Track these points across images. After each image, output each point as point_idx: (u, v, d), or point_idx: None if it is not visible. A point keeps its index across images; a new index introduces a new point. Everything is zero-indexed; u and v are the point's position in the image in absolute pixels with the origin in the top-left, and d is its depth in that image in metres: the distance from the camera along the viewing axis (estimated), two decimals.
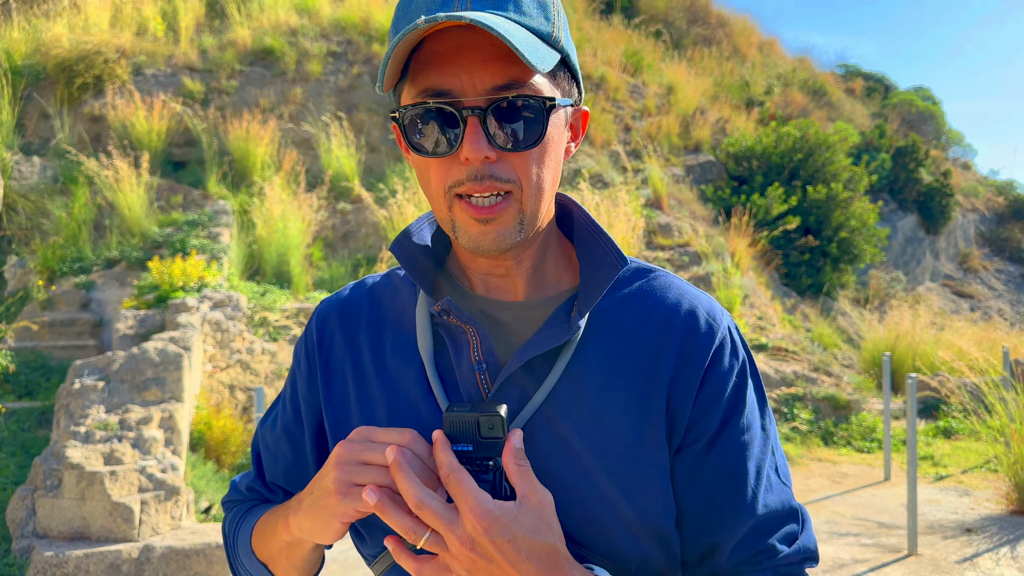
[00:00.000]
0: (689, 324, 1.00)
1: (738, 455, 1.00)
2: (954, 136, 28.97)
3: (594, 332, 1.00)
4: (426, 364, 1.01)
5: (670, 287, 1.04)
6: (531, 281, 1.04)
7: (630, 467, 0.96)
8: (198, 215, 9.52)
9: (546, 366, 0.98)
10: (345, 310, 1.12)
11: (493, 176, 0.91)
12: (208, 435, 6.48)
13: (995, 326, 15.17)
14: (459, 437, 0.91)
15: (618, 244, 1.09)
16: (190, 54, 12.32)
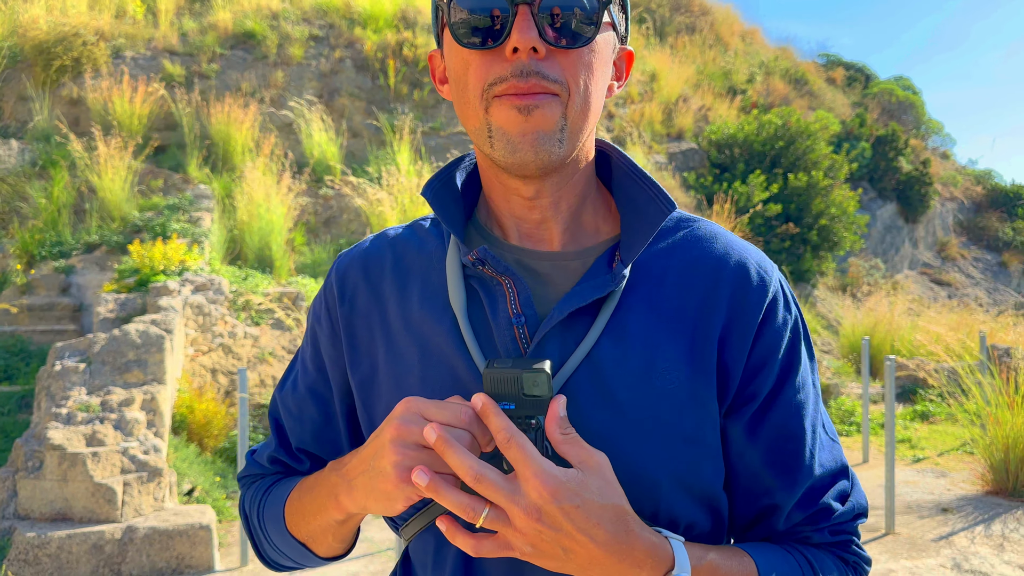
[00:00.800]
0: (740, 276, 0.95)
1: (795, 414, 0.96)
2: (933, 126, 29.22)
3: (638, 283, 0.94)
4: (459, 318, 0.94)
5: (717, 236, 0.99)
6: (568, 230, 0.97)
7: (679, 424, 0.91)
8: (179, 199, 9.45)
9: (587, 319, 0.92)
10: (368, 261, 1.04)
11: (539, 73, 0.85)
12: (190, 418, 6.46)
13: (972, 312, 15.37)
14: (500, 395, 0.85)
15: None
16: (170, 37, 12.20)
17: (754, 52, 22.87)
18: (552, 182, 0.93)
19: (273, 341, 7.57)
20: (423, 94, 12.82)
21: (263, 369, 7.30)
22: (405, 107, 12.65)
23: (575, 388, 0.90)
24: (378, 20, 13.34)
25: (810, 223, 14.05)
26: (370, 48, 12.87)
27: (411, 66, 12.97)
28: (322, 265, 9.41)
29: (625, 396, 0.90)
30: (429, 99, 12.91)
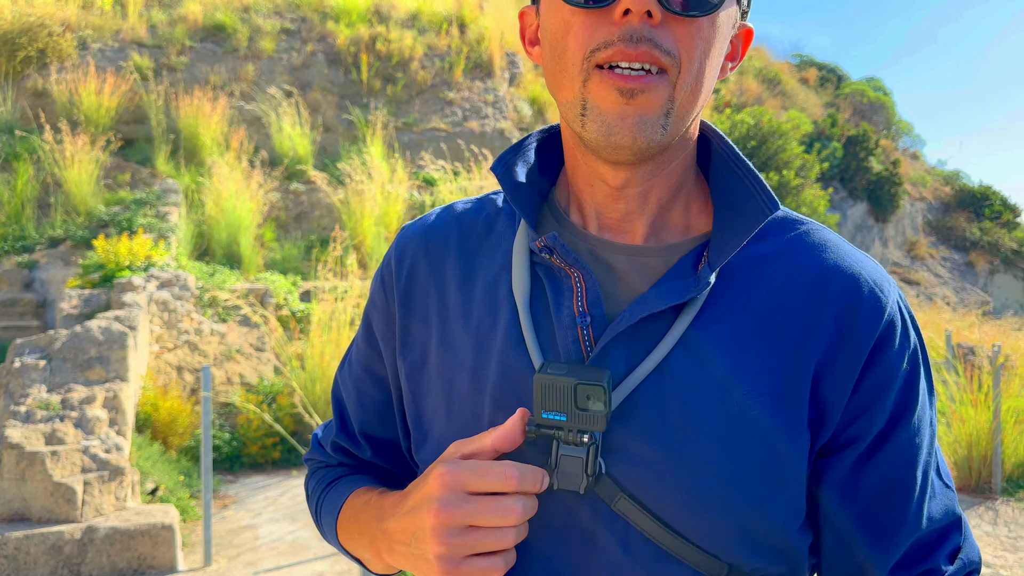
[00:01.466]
0: (851, 293, 0.81)
1: (907, 464, 0.83)
2: (904, 127, 29.59)
3: (726, 291, 0.82)
4: (520, 311, 0.84)
5: (828, 244, 0.85)
6: (654, 223, 0.86)
7: (755, 458, 0.78)
8: (146, 194, 9.32)
9: (662, 327, 0.80)
10: (430, 237, 0.95)
11: (652, 41, 0.74)
12: (155, 416, 6.36)
13: (939, 311, 15.59)
14: (552, 404, 0.77)
15: None
16: (139, 29, 12.02)
17: None
18: (645, 171, 0.83)
19: (240, 338, 7.49)
20: (396, 89, 12.75)
21: (230, 367, 7.22)
22: (378, 102, 12.57)
23: (637, 405, 0.79)
24: (351, 14, 13.24)
25: None
26: (343, 42, 12.77)
27: (384, 60, 12.89)
28: (292, 261, 9.32)
29: (694, 420, 0.78)
30: (402, 94, 12.84)
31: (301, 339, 7.22)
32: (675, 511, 0.77)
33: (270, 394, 6.93)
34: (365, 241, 9.71)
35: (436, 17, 14.02)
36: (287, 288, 8.25)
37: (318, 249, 9.53)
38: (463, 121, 12.83)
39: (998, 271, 25.79)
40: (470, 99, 13.22)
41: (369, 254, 9.56)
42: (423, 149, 12.13)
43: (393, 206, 10.20)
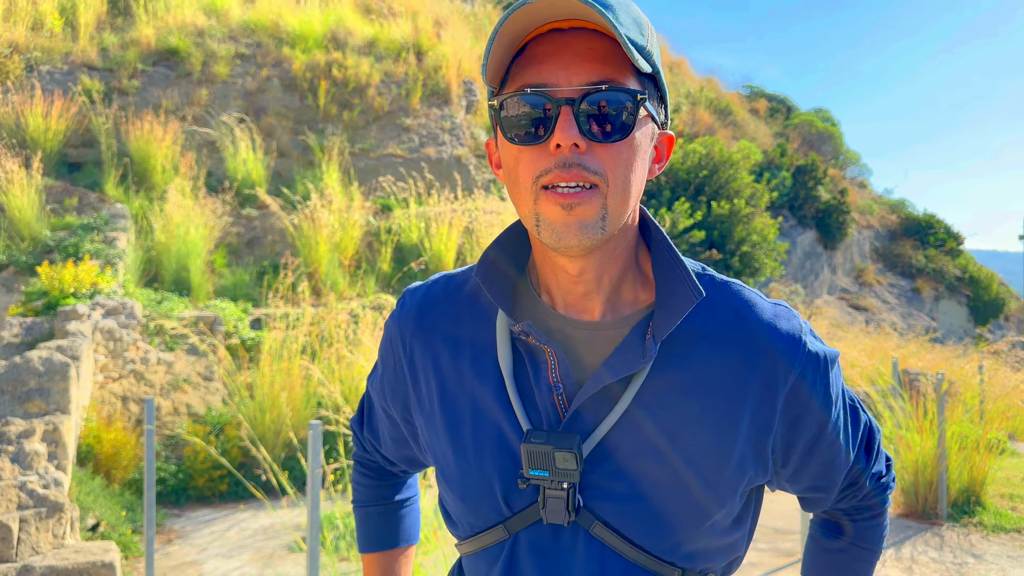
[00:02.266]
0: (770, 355, 1.02)
1: (835, 453, 1.11)
2: (851, 156, 30.34)
3: (669, 355, 1.02)
4: (507, 383, 1.05)
5: (748, 306, 1.05)
6: (609, 301, 1.05)
7: (702, 489, 1.01)
8: (94, 219, 9.13)
9: (620, 388, 1.01)
10: (423, 314, 1.15)
11: (581, 165, 0.92)
12: (98, 448, 6.19)
13: (887, 337, 15.91)
14: (537, 464, 0.99)
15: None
16: (90, 52, 11.84)
17: (681, 82, 23.42)
18: (595, 259, 1.01)
19: (188, 367, 7.34)
20: (353, 115, 12.72)
21: (177, 396, 7.06)
22: (335, 128, 12.52)
23: (606, 452, 1.01)
24: (307, 40, 13.21)
25: (733, 249, 14.38)
26: (299, 68, 12.72)
27: (341, 87, 12.86)
28: (243, 288, 9.18)
29: (648, 462, 1.00)
30: (359, 120, 12.82)
31: (251, 368, 7.11)
32: (640, 532, 1.00)
33: (218, 425, 6.79)
34: (319, 267, 9.62)
35: (393, 44, 14.06)
36: (237, 315, 8.12)
37: (270, 275, 9.42)
38: (420, 147, 12.84)
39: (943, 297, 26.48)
40: (427, 126, 13.25)
41: (323, 280, 9.47)
42: (379, 175, 12.10)
43: (349, 232, 10.14)
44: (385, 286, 9.98)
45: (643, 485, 1.00)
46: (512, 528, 1.04)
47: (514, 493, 1.03)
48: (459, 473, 1.08)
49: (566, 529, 1.02)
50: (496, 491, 1.04)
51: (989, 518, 6.51)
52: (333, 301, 8.46)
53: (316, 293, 9.18)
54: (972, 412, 7.85)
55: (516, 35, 0.94)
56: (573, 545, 1.02)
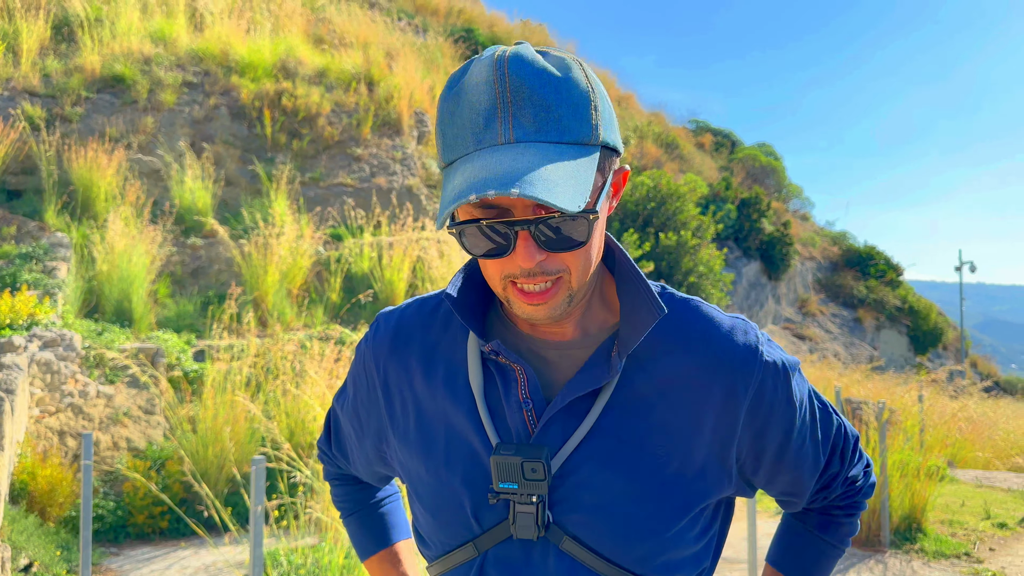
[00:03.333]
0: (728, 367, 1.06)
1: (802, 460, 1.15)
2: (794, 189, 31.13)
3: (634, 370, 1.06)
4: (477, 401, 1.08)
5: (708, 321, 1.10)
6: (580, 322, 1.09)
7: (669, 500, 1.04)
8: (33, 248, 8.89)
9: (588, 403, 1.05)
10: (397, 337, 1.18)
11: (543, 271, 0.97)
12: (32, 485, 5.97)
13: (830, 366, 16.24)
14: (506, 476, 1.02)
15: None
16: (32, 78, 11.60)
17: (629, 116, 23.84)
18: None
19: (129, 400, 7.15)
20: (302, 144, 12.65)
21: (117, 431, 6.87)
22: (284, 157, 12.44)
23: (575, 465, 1.03)
24: (257, 69, 13.14)
25: (680, 280, 14.59)
26: (247, 96, 12.63)
27: (290, 116, 12.80)
28: (187, 319, 9.01)
29: (617, 473, 1.03)
30: (309, 149, 12.76)
31: (193, 401, 6.96)
32: (608, 545, 1.02)
33: (159, 460, 6.62)
34: (267, 298, 9.49)
35: (344, 75, 14.06)
36: (180, 347, 7.95)
37: (215, 306, 9.26)
38: (371, 177, 12.82)
39: (884, 327, 27.17)
40: (378, 156, 13.24)
41: (270, 311, 9.34)
42: (329, 204, 12.03)
43: (298, 261, 10.04)
44: (334, 316, 9.88)
45: (612, 497, 1.03)
46: (482, 546, 1.06)
47: (484, 509, 1.06)
48: (431, 491, 1.10)
49: (536, 545, 1.04)
50: (467, 507, 1.06)
51: (930, 544, 6.65)
52: (280, 332, 8.34)
53: (263, 324, 9.04)
54: (913, 440, 8.04)
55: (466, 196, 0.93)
56: (543, 561, 1.04)
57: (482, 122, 0.93)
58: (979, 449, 11.33)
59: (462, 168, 0.93)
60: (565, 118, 0.93)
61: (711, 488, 1.07)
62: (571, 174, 0.91)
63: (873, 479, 1.28)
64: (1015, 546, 6.84)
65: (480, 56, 0.98)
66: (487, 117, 0.92)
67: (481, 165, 0.90)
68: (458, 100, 0.96)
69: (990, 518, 7.64)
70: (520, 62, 0.93)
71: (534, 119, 0.92)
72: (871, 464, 1.28)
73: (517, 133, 0.92)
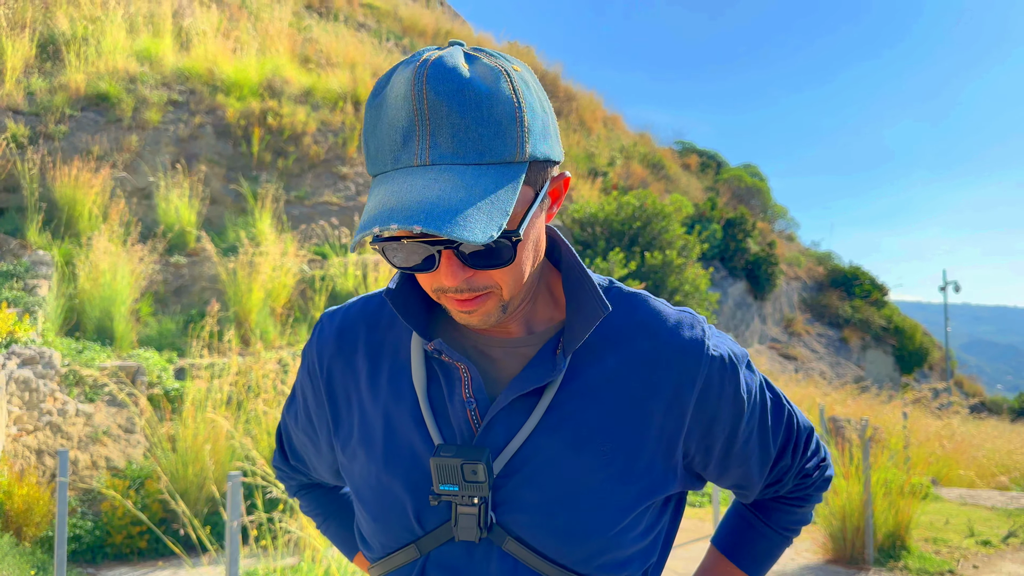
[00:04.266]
0: (677, 360, 1.05)
1: (750, 453, 1.13)
2: (779, 210, 31.34)
3: (580, 366, 1.05)
4: (420, 399, 1.06)
5: (654, 315, 1.08)
6: (524, 319, 1.08)
7: (613, 499, 1.02)
8: (13, 266, 8.82)
9: (532, 401, 1.03)
10: (343, 335, 1.15)
11: (472, 288, 0.95)
12: (8, 505, 5.89)
13: (815, 385, 16.29)
14: (446, 478, 0.99)
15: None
16: (16, 96, 11.56)
17: (615, 137, 24.00)
18: None
19: (108, 419, 7.08)
20: (288, 163, 12.65)
21: (96, 449, 6.79)
22: (269, 175, 12.43)
23: (519, 464, 1.02)
24: (243, 88, 13.16)
25: (666, 299, 14.61)
26: (233, 115, 12.63)
27: (276, 135, 12.81)
28: (169, 337, 8.94)
29: (560, 472, 1.01)
30: (294, 168, 12.75)
31: (173, 419, 6.89)
32: (552, 545, 1.01)
33: (138, 479, 6.54)
34: (250, 316, 9.44)
35: (331, 94, 14.10)
36: (161, 365, 7.89)
37: (197, 324, 9.20)
38: (356, 196, 12.82)
39: (870, 347, 27.30)
40: (363, 174, 13.25)
41: (252, 329, 9.29)
42: (314, 222, 12.01)
43: (283, 279, 10.00)
44: None
45: (555, 496, 1.01)
46: (424, 547, 1.04)
47: (426, 511, 1.04)
48: (372, 492, 1.08)
49: (478, 546, 1.02)
50: (408, 509, 1.04)
51: (914, 562, 6.64)
52: (261, 350, 8.29)
53: (245, 342, 8.99)
54: (897, 458, 8.06)
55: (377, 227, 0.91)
56: (486, 562, 1.02)
57: (400, 140, 0.89)
58: (963, 467, 11.37)
59: (377, 190, 0.90)
60: (485, 138, 0.88)
61: (656, 486, 1.05)
62: (487, 200, 0.86)
63: (830, 472, 1.26)
64: (999, 563, 6.84)
65: (406, 61, 0.93)
66: (404, 135, 0.89)
67: (393, 191, 0.87)
68: (379, 112, 0.92)
69: (974, 536, 7.65)
70: (441, 77, 0.88)
71: (452, 139, 0.88)
72: (828, 456, 1.26)
73: (433, 155, 0.88)
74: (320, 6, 19.51)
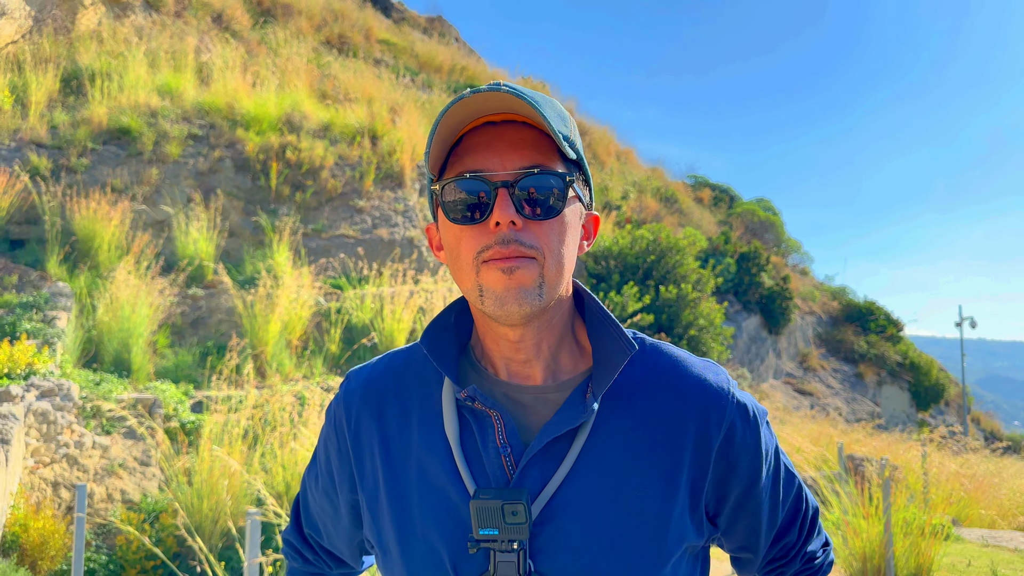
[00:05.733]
0: (702, 405, 1.08)
1: (761, 511, 1.15)
2: (793, 244, 31.28)
3: (610, 411, 1.08)
4: (453, 448, 1.07)
5: (679, 364, 1.13)
6: (549, 367, 1.11)
7: (650, 540, 1.03)
8: (34, 297, 8.90)
9: (565, 446, 1.05)
10: (370, 389, 1.18)
11: (518, 241, 1.01)
12: (24, 538, 5.88)
13: (831, 423, 16.12)
14: (486, 522, 0.99)
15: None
16: (39, 129, 11.76)
17: (628, 171, 24.09)
18: (534, 327, 1.08)
19: (124, 451, 7.09)
20: (305, 196, 12.76)
21: (111, 482, 6.79)
22: (287, 208, 12.53)
23: (556, 509, 1.03)
24: (262, 123, 13.32)
25: (680, 333, 14.57)
26: (252, 149, 12.78)
27: (294, 168, 12.93)
28: (185, 369, 8.97)
29: (600, 515, 1.03)
30: (312, 201, 12.86)
31: (190, 452, 6.89)
32: None
33: (153, 512, 6.53)
34: (266, 348, 9.47)
35: (348, 129, 14.25)
36: (178, 398, 7.91)
37: (214, 356, 9.23)
38: (373, 228, 12.90)
39: (885, 382, 27.03)
40: (380, 207, 13.34)
41: (269, 361, 9.31)
42: (331, 255, 12.08)
43: (299, 312, 10.04)
44: (333, 367, 9.84)
45: (592, 544, 1.02)
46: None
47: (463, 561, 1.03)
48: (405, 549, 1.08)
49: None
50: (444, 560, 1.04)
51: None
52: (279, 383, 8.30)
53: (261, 374, 9.00)
54: (917, 498, 7.94)
55: (454, 127, 1.03)
56: None
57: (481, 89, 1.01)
58: (984, 507, 11.18)
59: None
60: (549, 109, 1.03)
61: (687, 532, 1.07)
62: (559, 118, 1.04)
63: (831, 558, 1.28)
64: None
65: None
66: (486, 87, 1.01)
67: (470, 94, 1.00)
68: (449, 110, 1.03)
69: None
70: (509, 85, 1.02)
71: (530, 93, 1.01)
72: (830, 543, 1.28)
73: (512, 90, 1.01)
74: (338, 43, 19.80)
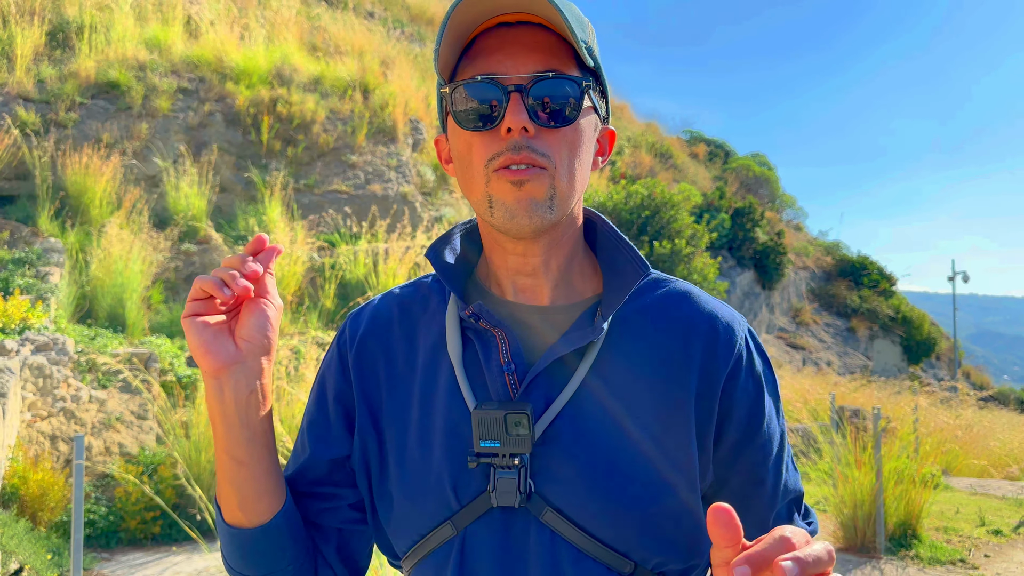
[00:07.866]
0: (710, 334, 1.05)
1: (761, 463, 1.07)
2: (787, 199, 31.23)
3: (618, 337, 1.05)
4: (455, 364, 1.05)
5: (690, 295, 1.09)
6: (558, 287, 1.08)
7: (654, 468, 1.00)
8: (26, 253, 8.85)
9: (571, 367, 1.02)
10: (376, 317, 1.15)
11: (530, 148, 0.97)
12: (23, 490, 5.92)
13: (824, 376, 16.26)
14: (487, 433, 0.97)
15: None
16: (26, 83, 11.58)
17: (623, 126, 23.92)
18: (543, 243, 1.05)
19: (121, 405, 7.11)
20: (297, 151, 12.64)
21: (109, 435, 6.82)
22: (279, 163, 12.43)
23: (559, 429, 1.00)
24: (251, 76, 13.14)
25: None
26: (242, 103, 12.63)
27: (285, 123, 12.80)
28: (179, 324, 8.95)
29: (602, 438, 1.00)
30: (304, 156, 12.75)
31: (187, 406, 6.91)
32: (592, 518, 0.98)
33: (151, 464, 6.57)
34: None
35: (339, 82, 14.07)
36: (173, 352, 7.92)
37: None
38: (365, 184, 12.81)
39: (877, 336, 27.23)
40: (372, 163, 13.24)
41: None
42: (324, 211, 12.02)
43: (293, 268, 10.01)
44: (328, 322, 9.85)
45: (596, 465, 0.99)
46: (460, 523, 1.01)
47: (463, 479, 1.01)
48: (405, 468, 1.05)
49: (516, 520, 0.99)
50: (445, 479, 1.02)
51: (925, 551, 6.64)
52: None
53: None
54: (908, 448, 8.04)
55: (465, 27, 0.99)
56: (524, 536, 0.99)
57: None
58: (974, 457, 11.34)
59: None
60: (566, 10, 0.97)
61: (692, 463, 1.01)
62: (578, 22, 0.99)
63: (816, 528, 1.20)
64: (1010, 552, 6.84)
65: None
66: None
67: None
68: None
69: (985, 525, 7.64)
70: None
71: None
72: (815, 520, 1.18)
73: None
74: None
